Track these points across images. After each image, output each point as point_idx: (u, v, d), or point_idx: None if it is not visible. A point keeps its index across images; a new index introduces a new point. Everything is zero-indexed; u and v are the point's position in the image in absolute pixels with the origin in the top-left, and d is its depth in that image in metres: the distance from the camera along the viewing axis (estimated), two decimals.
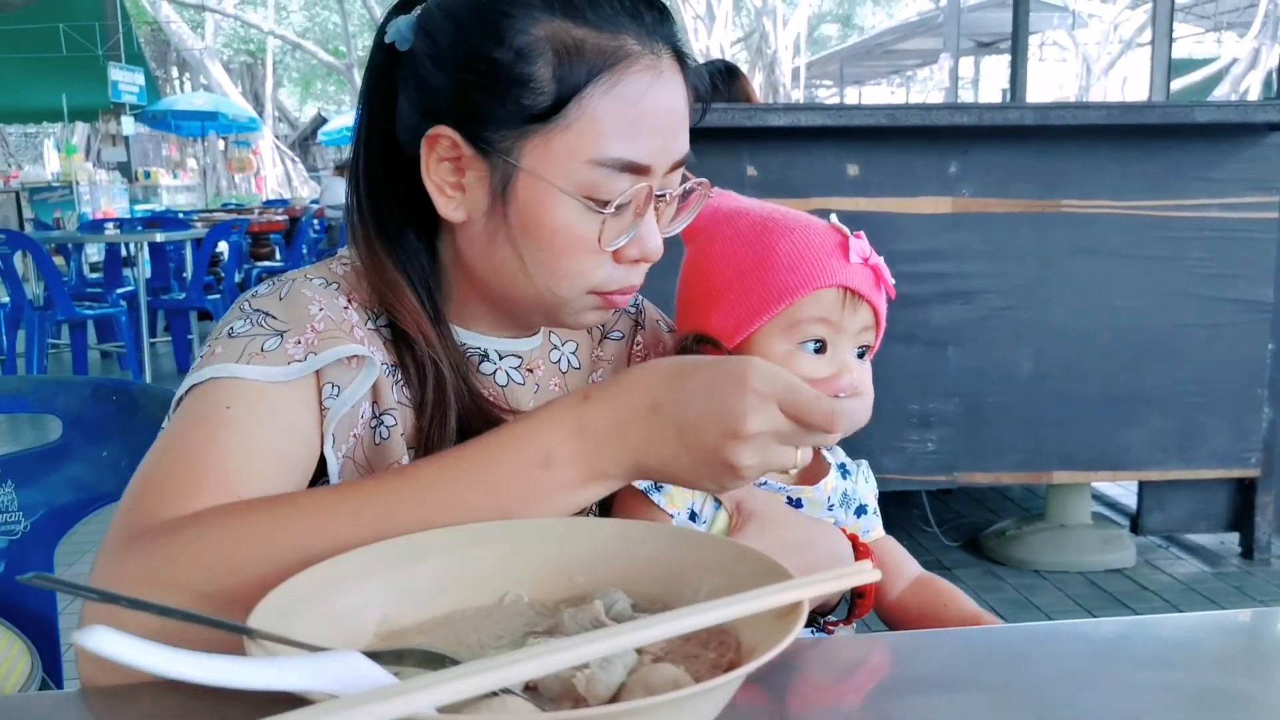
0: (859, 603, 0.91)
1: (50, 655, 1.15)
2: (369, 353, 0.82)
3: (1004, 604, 2.87)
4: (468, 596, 0.66)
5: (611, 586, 0.65)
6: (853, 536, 0.92)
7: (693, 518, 0.87)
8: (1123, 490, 3.70)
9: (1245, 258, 2.89)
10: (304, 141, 25.23)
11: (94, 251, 8.21)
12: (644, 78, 0.79)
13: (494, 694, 0.51)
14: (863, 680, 0.71)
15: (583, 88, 0.78)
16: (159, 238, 6.55)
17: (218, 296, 6.56)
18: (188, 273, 6.96)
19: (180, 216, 8.91)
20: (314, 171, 22.56)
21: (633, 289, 0.87)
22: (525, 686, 0.54)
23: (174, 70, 22.70)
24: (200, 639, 0.54)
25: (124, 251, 7.15)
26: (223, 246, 6.71)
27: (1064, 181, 2.84)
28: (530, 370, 0.95)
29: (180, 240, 6.96)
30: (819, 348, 0.90)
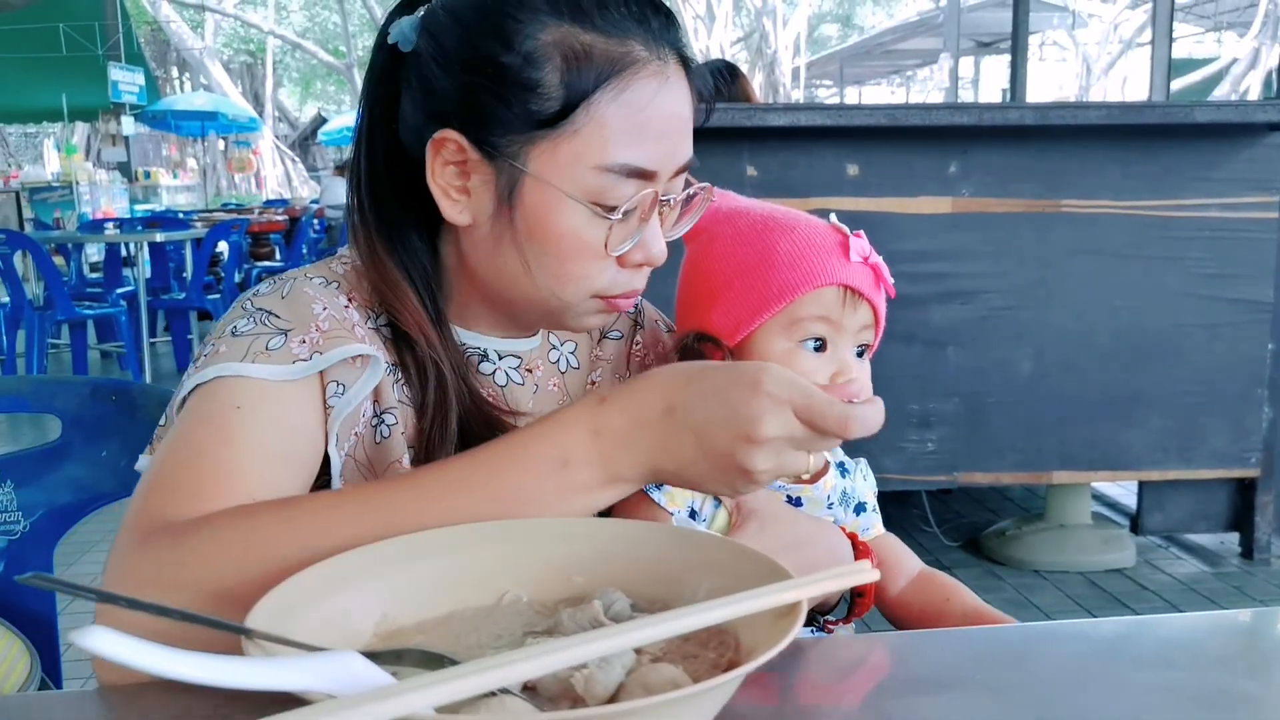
0: (858, 601, 0.91)
1: (49, 655, 1.15)
2: (374, 352, 0.82)
3: (1004, 604, 2.85)
4: (466, 596, 0.66)
5: (610, 586, 0.65)
6: (852, 535, 0.92)
7: (693, 516, 0.87)
8: (1123, 490, 3.70)
9: (1245, 258, 2.89)
10: (304, 141, 25.23)
11: (94, 251, 8.21)
12: (651, 84, 0.79)
13: (492, 694, 0.51)
14: (863, 680, 0.71)
15: (591, 94, 0.78)
16: (159, 238, 6.55)
17: (218, 296, 6.56)
18: (188, 273, 6.96)
19: (180, 216, 8.92)
20: (314, 171, 22.56)
21: (636, 293, 0.87)
22: (524, 687, 0.54)
23: (174, 70, 22.70)
24: (208, 639, 0.54)
25: (124, 251, 7.15)
26: (223, 246, 6.72)
27: (1064, 181, 2.84)
28: (530, 370, 0.95)
29: (180, 240, 6.96)
30: (819, 346, 0.90)
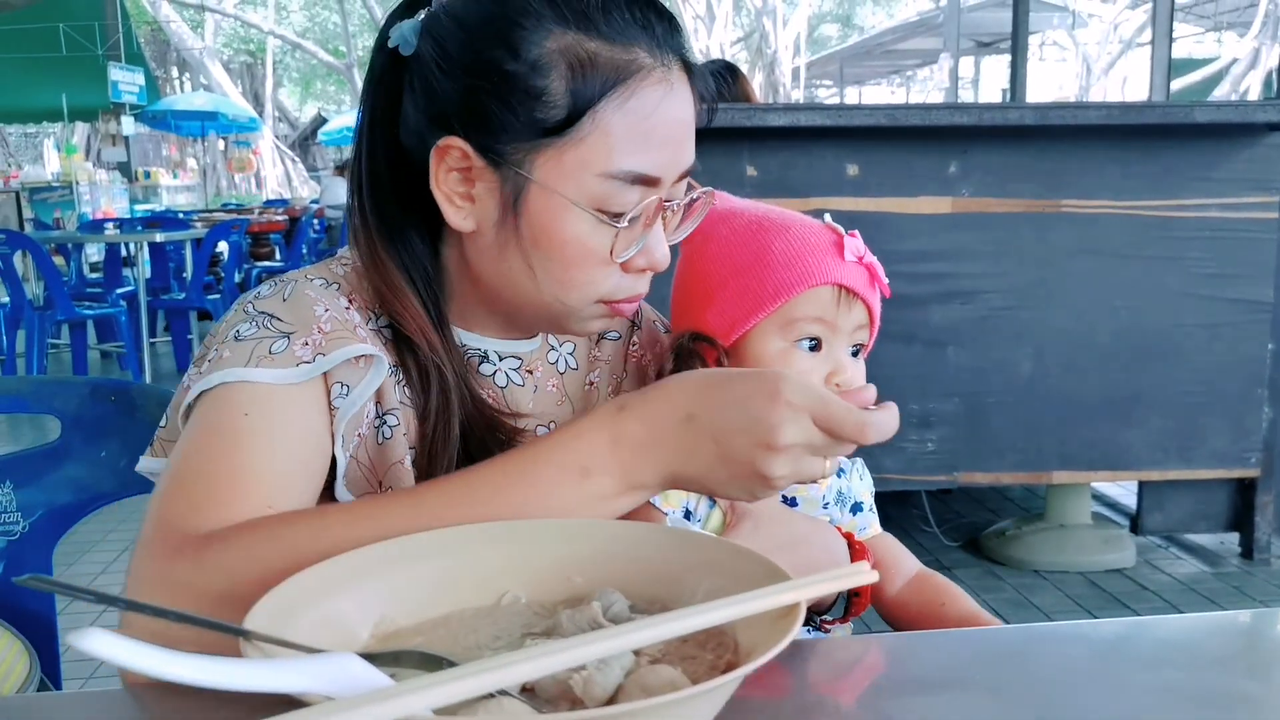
0: (855, 601, 0.91)
1: (49, 656, 1.15)
2: (377, 352, 0.82)
3: (1004, 604, 2.87)
4: (465, 597, 0.66)
5: (609, 587, 0.65)
6: (848, 535, 0.92)
7: (687, 516, 0.87)
8: (1123, 490, 3.70)
9: (1245, 258, 2.89)
10: (304, 141, 25.23)
11: (94, 251, 8.21)
12: (656, 91, 0.79)
13: (490, 696, 0.51)
14: (862, 680, 0.71)
15: (596, 102, 0.78)
16: (159, 238, 6.55)
17: (218, 296, 6.56)
18: (188, 273, 6.96)
19: (180, 216, 8.92)
20: (314, 171, 22.56)
21: (639, 297, 0.87)
22: (522, 688, 0.54)
23: (174, 70, 22.70)
24: (233, 645, 0.54)
25: (124, 251, 7.15)
26: (222, 246, 6.72)
27: (1064, 181, 2.84)
28: (530, 371, 0.95)
29: (180, 240, 6.96)
30: (814, 346, 0.90)
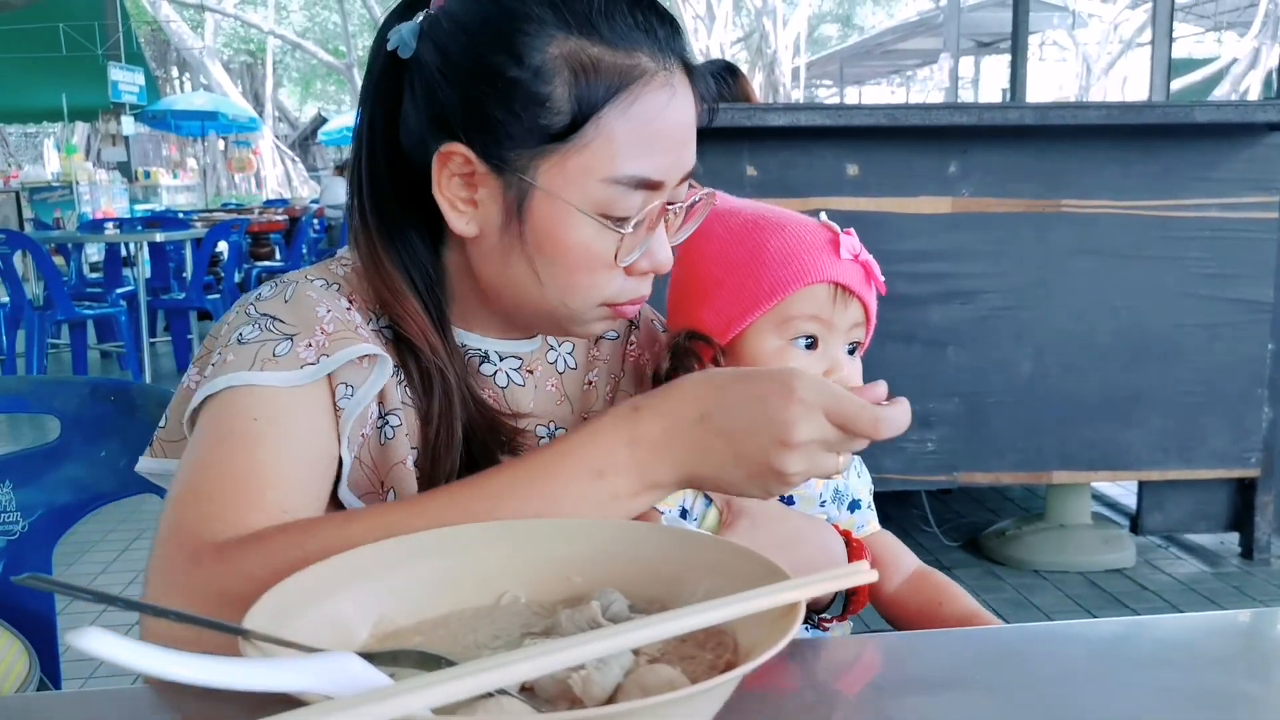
0: (853, 599, 0.91)
1: (48, 656, 1.15)
2: (381, 352, 0.82)
3: (1004, 604, 2.87)
4: (465, 597, 0.66)
5: (609, 587, 0.65)
6: (845, 532, 0.92)
7: (684, 514, 0.87)
8: (1123, 490, 3.70)
9: (1245, 258, 2.89)
10: (304, 141, 25.24)
11: (94, 251, 8.21)
12: (660, 95, 0.79)
13: (489, 695, 0.51)
14: (861, 680, 0.71)
15: (600, 108, 0.78)
16: (159, 238, 6.55)
17: (218, 296, 6.56)
18: (187, 273, 6.96)
19: (180, 216, 8.92)
20: (314, 171, 22.57)
21: (642, 299, 0.87)
22: (521, 688, 0.54)
23: (174, 70, 22.70)
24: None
25: (124, 251, 7.15)
26: (222, 246, 6.72)
27: (1064, 181, 2.84)
28: (530, 371, 0.95)
29: (180, 240, 6.96)
30: (810, 344, 0.90)
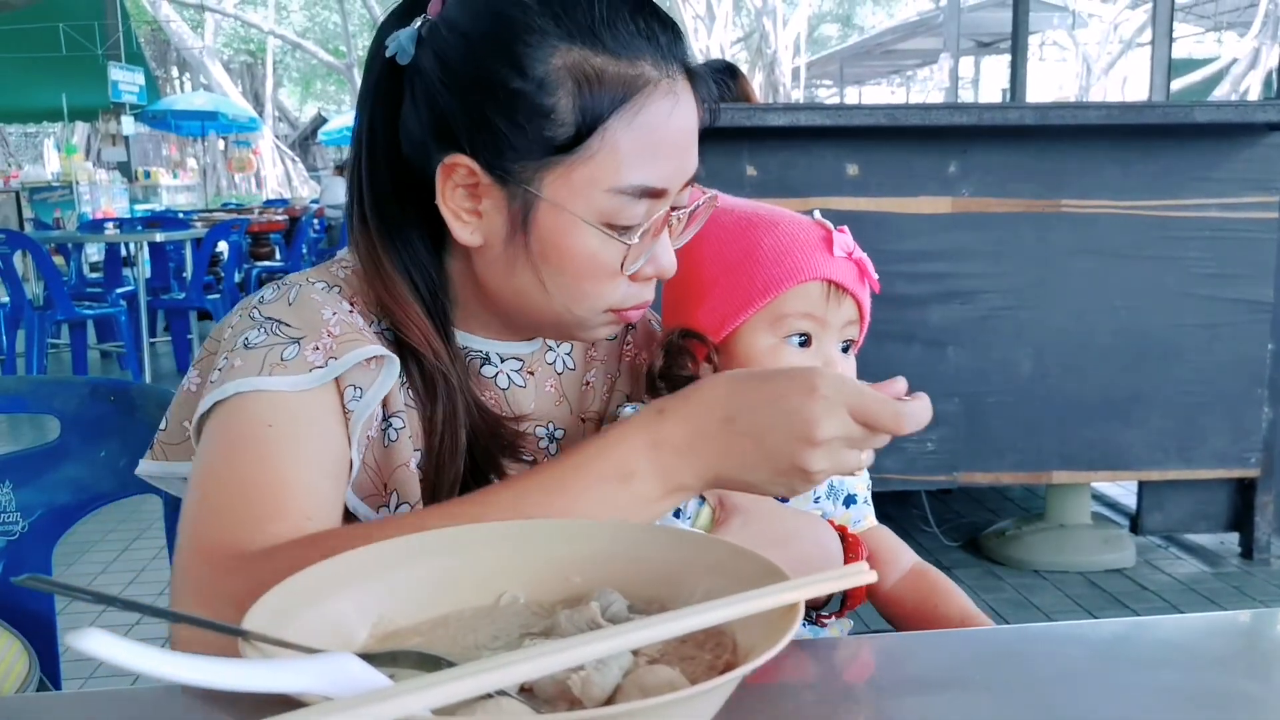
0: (851, 595, 0.91)
1: (48, 656, 1.15)
2: (388, 352, 0.82)
3: (1004, 604, 2.87)
4: (464, 597, 0.66)
5: (608, 587, 0.65)
6: (841, 528, 0.92)
7: (676, 514, 0.87)
8: (1123, 490, 3.70)
9: (1245, 258, 2.89)
10: (304, 141, 25.25)
11: (94, 251, 8.21)
12: (664, 104, 0.79)
13: (489, 696, 0.51)
14: (861, 680, 0.71)
15: (605, 118, 0.77)
16: (159, 237, 6.55)
17: (218, 296, 6.55)
18: (188, 273, 6.96)
19: (180, 216, 8.92)
20: (314, 171, 22.57)
21: (646, 304, 0.87)
22: (520, 688, 0.54)
23: (174, 70, 22.70)
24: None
25: (124, 251, 7.15)
26: (223, 246, 6.72)
27: (1064, 181, 2.84)
28: (531, 372, 0.95)
29: (180, 240, 6.96)
30: (804, 342, 0.90)
